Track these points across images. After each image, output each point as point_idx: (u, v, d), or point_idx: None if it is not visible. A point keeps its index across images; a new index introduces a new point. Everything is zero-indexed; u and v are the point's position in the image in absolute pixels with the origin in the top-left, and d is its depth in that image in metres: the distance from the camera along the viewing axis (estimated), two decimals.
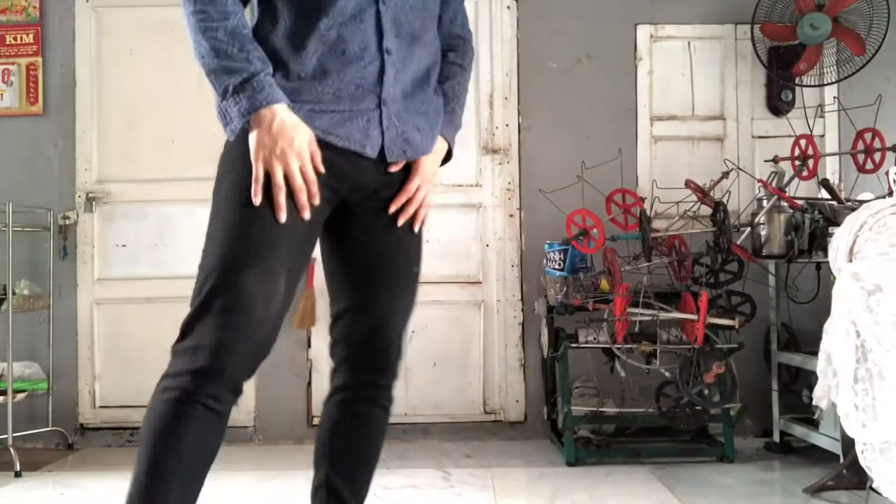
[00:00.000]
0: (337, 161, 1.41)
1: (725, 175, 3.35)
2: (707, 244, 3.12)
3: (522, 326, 3.65)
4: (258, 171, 1.32)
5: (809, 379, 3.02)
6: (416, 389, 3.58)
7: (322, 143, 1.38)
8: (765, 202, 3.13)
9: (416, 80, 1.49)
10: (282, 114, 1.32)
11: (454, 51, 1.60)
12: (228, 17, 1.34)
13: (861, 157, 3.26)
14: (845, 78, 3.50)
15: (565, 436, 3.12)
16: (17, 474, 3.06)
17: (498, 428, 3.63)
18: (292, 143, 1.32)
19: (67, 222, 3.62)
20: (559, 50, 3.68)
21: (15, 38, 3.66)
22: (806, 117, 3.55)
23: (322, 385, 3.30)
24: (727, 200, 3.17)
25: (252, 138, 1.33)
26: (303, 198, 1.35)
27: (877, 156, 3.22)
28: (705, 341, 2.97)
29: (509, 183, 3.67)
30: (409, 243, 1.56)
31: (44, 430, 3.47)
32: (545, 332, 3.36)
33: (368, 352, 1.54)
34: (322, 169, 1.37)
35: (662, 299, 3.11)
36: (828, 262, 2.70)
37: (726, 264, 3.13)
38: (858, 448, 2.39)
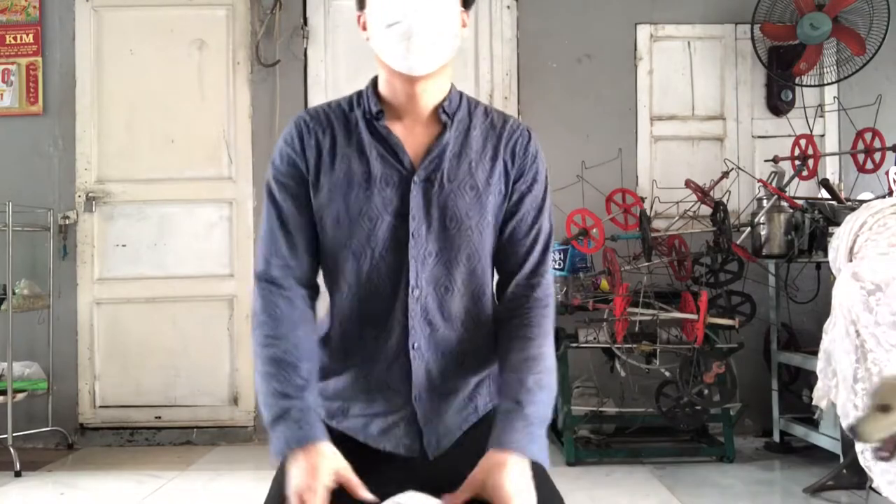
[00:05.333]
0: None
1: (725, 175, 3.36)
2: (707, 244, 3.12)
3: None
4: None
5: (809, 379, 3.02)
6: None
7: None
8: (765, 202, 3.13)
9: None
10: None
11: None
12: (303, 391, 1.27)
13: (861, 156, 3.26)
14: (845, 78, 3.50)
15: (565, 436, 3.12)
16: (17, 474, 3.06)
17: None
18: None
19: (67, 222, 3.61)
20: (559, 50, 3.68)
21: (15, 38, 3.66)
22: (806, 117, 3.56)
23: None
24: (727, 200, 3.17)
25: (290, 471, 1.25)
26: None
27: (877, 156, 3.22)
28: (705, 341, 2.97)
29: None
30: None
31: (44, 430, 3.47)
32: None
33: None
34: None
35: (662, 299, 3.11)
36: (828, 262, 2.71)
37: (726, 264, 3.13)
38: (858, 448, 2.39)
